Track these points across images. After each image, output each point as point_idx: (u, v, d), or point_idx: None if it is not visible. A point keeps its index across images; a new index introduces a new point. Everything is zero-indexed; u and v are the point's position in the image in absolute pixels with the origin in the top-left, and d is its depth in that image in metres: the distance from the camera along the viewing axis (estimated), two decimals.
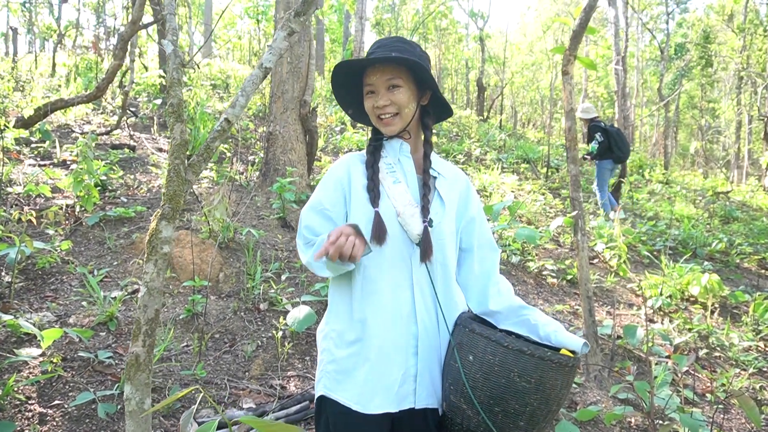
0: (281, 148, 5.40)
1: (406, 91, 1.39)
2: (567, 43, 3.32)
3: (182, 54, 1.36)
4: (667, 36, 18.08)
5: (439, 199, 1.44)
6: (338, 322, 1.40)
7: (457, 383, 1.28)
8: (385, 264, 1.35)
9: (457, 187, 1.50)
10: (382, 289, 1.35)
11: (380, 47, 1.41)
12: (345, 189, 1.42)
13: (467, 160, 9.73)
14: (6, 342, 2.72)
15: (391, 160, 1.44)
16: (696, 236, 6.81)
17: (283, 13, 5.37)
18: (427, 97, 1.46)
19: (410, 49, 1.40)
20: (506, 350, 1.23)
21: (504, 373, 1.22)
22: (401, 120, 1.41)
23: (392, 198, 1.38)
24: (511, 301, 1.46)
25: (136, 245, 3.98)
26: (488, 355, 1.24)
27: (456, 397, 1.29)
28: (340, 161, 1.47)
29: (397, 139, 1.46)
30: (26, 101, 6.61)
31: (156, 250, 1.25)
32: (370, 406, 1.31)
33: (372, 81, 1.39)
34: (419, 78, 1.42)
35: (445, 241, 1.41)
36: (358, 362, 1.34)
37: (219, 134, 1.30)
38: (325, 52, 20.75)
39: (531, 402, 1.22)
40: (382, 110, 1.39)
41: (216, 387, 2.76)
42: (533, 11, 29.49)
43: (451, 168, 1.54)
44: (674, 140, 23.30)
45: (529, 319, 1.40)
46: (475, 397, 1.24)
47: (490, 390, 1.23)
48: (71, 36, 12.33)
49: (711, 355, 3.90)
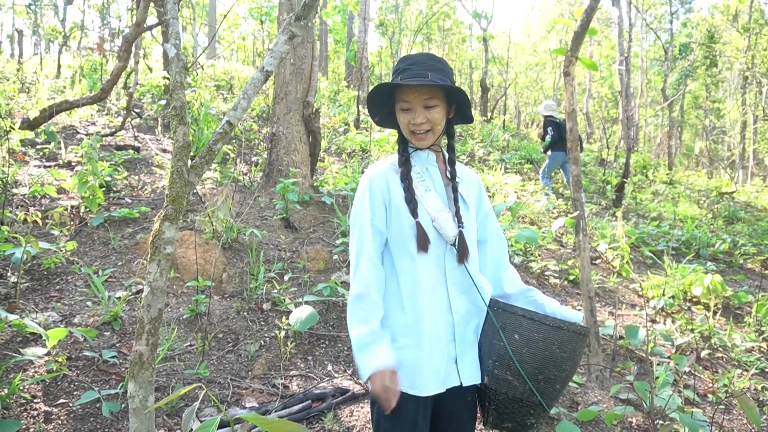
0: (284, 149, 5.43)
1: (441, 110, 1.52)
2: (569, 44, 3.33)
3: (185, 57, 1.38)
4: (671, 36, 18.04)
5: (463, 201, 1.60)
6: (388, 318, 1.52)
7: (503, 359, 1.48)
8: (427, 266, 1.51)
9: (473, 187, 1.67)
10: (425, 289, 1.51)
11: (414, 64, 1.50)
12: (386, 202, 1.54)
13: (470, 160, 9.73)
14: (12, 341, 2.75)
15: (419, 169, 1.57)
16: (699, 237, 6.79)
17: (286, 15, 5.39)
18: (453, 110, 1.59)
19: (442, 68, 1.51)
20: (547, 327, 1.46)
21: (547, 347, 1.45)
22: (434, 135, 1.54)
23: (425, 205, 1.52)
24: (520, 284, 1.69)
25: (140, 246, 4.01)
26: (533, 332, 1.46)
27: (501, 371, 1.48)
28: (377, 174, 1.56)
29: (424, 150, 1.59)
30: (32, 103, 6.66)
31: (159, 251, 1.27)
32: (424, 390, 1.48)
33: (409, 99, 1.50)
34: (449, 96, 1.55)
35: (472, 238, 1.59)
36: (411, 352, 1.49)
37: (221, 136, 1.32)
38: (328, 53, 20.78)
39: (566, 368, 1.47)
40: (418, 127, 1.51)
41: (219, 386, 2.78)
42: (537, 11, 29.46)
43: (465, 170, 1.69)
44: (679, 140, 23.24)
45: (536, 299, 1.64)
46: (522, 369, 1.45)
47: (536, 362, 1.45)
48: (76, 38, 12.40)
49: (713, 355, 3.90)
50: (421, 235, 1.49)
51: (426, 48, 19.52)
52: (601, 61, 19.30)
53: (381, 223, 1.53)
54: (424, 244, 1.49)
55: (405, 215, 1.51)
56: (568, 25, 3.37)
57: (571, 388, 3.08)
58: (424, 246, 1.49)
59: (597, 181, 10.54)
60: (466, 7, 15.67)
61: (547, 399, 1.48)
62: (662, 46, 16.33)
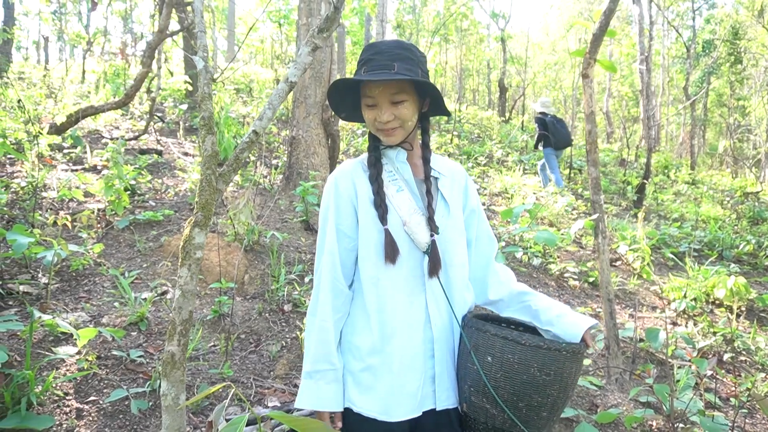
0: (304, 152, 5.50)
1: (410, 104, 1.34)
2: (588, 45, 3.33)
3: (212, 69, 1.44)
4: (693, 33, 17.75)
5: (443, 201, 1.43)
6: (354, 334, 1.39)
7: (478, 384, 1.31)
8: (398, 277, 1.35)
9: (458, 182, 1.49)
10: (397, 301, 1.35)
11: (378, 53, 1.32)
12: (354, 203, 1.38)
13: (489, 161, 9.72)
14: (44, 340, 2.86)
15: (391, 168, 1.41)
16: (723, 238, 6.70)
17: (305, 19, 5.47)
18: (427, 103, 1.42)
19: (411, 57, 1.33)
20: (524, 347, 1.26)
21: (524, 370, 1.26)
22: (404, 131, 1.37)
23: (397, 208, 1.36)
24: (511, 287, 1.49)
25: (164, 248, 4.11)
26: (507, 354, 1.27)
27: (478, 397, 1.31)
28: (343, 173, 1.41)
29: (394, 147, 1.42)
30: (58, 108, 6.85)
31: (189, 255, 1.32)
32: (395, 415, 1.33)
33: (374, 94, 1.33)
34: (421, 88, 1.38)
35: (455, 244, 1.42)
36: (380, 374, 1.34)
37: (248, 145, 1.37)
38: (346, 55, 20.90)
39: (552, 392, 1.27)
40: (385, 124, 1.34)
41: (242, 385, 2.85)
42: (556, 10, 29.24)
43: (448, 163, 1.51)
44: (702, 139, 22.83)
45: (530, 305, 1.44)
46: (498, 395, 1.27)
47: (513, 387, 1.27)
48: (99, 43, 12.69)
49: (736, 359, 3.86)
50: (389, 243, 1.32)
51: (444, 49, 19.52)
52: (622, 60, 19.07)
53: (349, 228, 1.37)
54: (392, 254, 1.32)
55: (373, 221, 1.35)
56: (587, 26, 3.37)
57: (591, 390, 3.08)
58: (392, 257, 1.32)
59: (617, 181, 10.44)
60: (484, 8, 15.65)
61: (533, 429, 1.30)
62: (684, 43, 16.09)
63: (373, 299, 1.35)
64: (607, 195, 9.27)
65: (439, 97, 1.38)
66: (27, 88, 8.33)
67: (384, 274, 1.35)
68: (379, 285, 1.35)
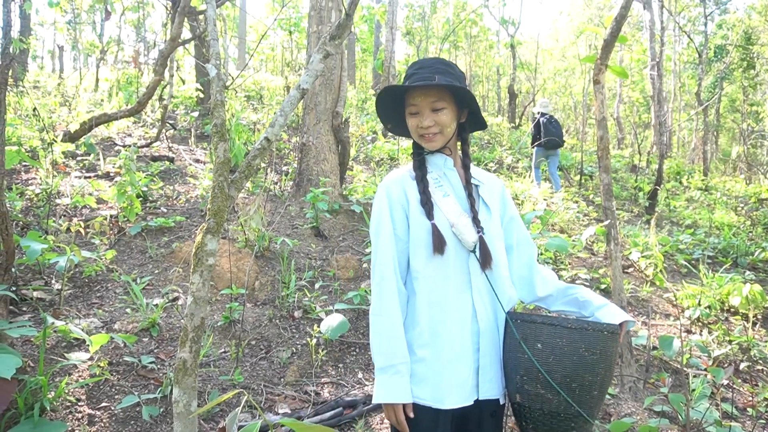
0: (314, 158, 5.52)
1: (449, 112, 1.49)
2: (599, 51, 3.32)
3: (225, 77, 1.44)
4: (705, 38, 17.63)
5: (484, 205, 1.57)
6: (406, 330, 1.49)
7: (531, 372, 1.40)
8: (447, 272, 1.47)
9: (495, 191, 1.63)
10: (446, 296, 1.46)
11: (422, 68, 1.50)
12: (405, 209, 1.51)
13: (499, 168, 9.69)
14: (57, 346, 2.88)
15: (436, 174, 1.54)
16: (737, 245, 6.60)
17: (316, 27, 5.50)
18: (465, 114, 1.56)
19: (451, 71, 1.50)
20: (571, 330, 1.38)
21: (574, 351, 1.37)
22: (443, 137, 1.51)
23: (444, 211, 1.49)
24: (557, 284, 1.63)
25: (175, 254, 4.13)
26: (556, 338, 1.38)
27: (532, 385, 1.40)
28: (393, 181, 1.54)
29: (440, 154, 1.57)
30: (72, 116, 6.93)
31: (202, 262, 1.33)
32: (447, 403, 1.43)
33: (417, 102, 1.49)
34: (459, 99, 1.53)
35: (495, 243, 1.54)
36: (431, 365, 1.45)
37: (260, 152, 1.37)
38: (356, 62, 20.98)
39: (599, 371, 1.37)
40: (426, 130, 1.49)
41: (253, 392, 2.85)
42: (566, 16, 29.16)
43: (486, 174, 1.66)
44: (715, 145, 22.60)
45: (578, 297, 1.57)
46: (552, 379, 1.36)
47: (565, 369, 1.37)
48: (113, 52, 12.85)
49: (753, 368, 3.79)
50: (436, 236, 1.44)
51: (453, 55, 19.54)
52: (632, 65, 18.97)
53: (402, 232, 1.50)
54: (439, 245, 1.44)
55: (421, 218, 1.48)
56: (598, 33, 3.35)
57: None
58: (440, 248, 1.44)
59: (629, 187, 10.35)
60: (493, 14, 15.65)
61: (587, 408, 1.37)
62: (696, 48, 15.97)
63: (423, 297, 1.47)
64: (618, 201, 9.20)
65: (477, 107, 1.53)
66: (42, 96, 8.45)
67: (432, 270, 1.47)
68: (429, 281, 1.47)
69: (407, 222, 1.50)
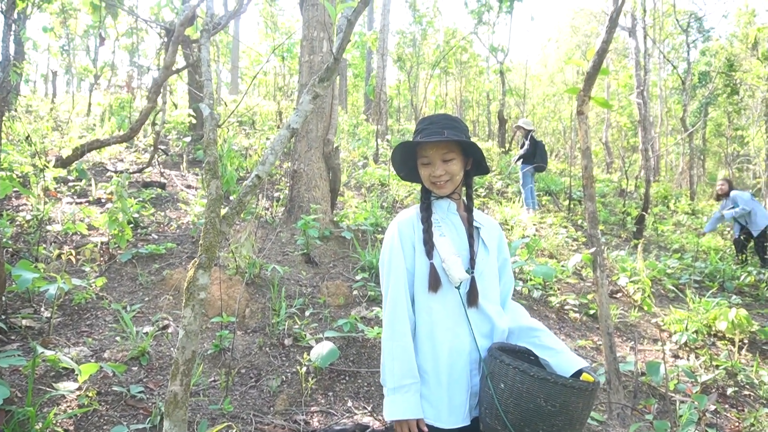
0: (305, 185, 5.57)
1: (458, 162, 1.70)
2: (582, 83, 3.42)
3: (218, 116, 1.49)
4: (688, 65, 18.05)
5: (483, 246, 1.75)
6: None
7: (491, 407, 1.48)
8: (445, 305, 1.64)
9: (494, 233, 1.82)
10: (445, 327, 1.63)
11: (432, 124, 1.69)
12: (414, 244, 1.70)
13: (489, 193, 9.78)
14: (45, 376, 2.86)
15: (438, 217, 1.74)
16: (724, 269, 6.70)
17: (307, 56, 5.61)
18: (470, 162, 1.77)
19: (457, 126, 1.70)
20: (532, 378, 1.42)
21: (532, 399, 1.41)
22: (452, 184, 1.71)
23: (438, 249, 1.66)
24: (521, 322, 1.76)
25: (166, 281, 4.14)
26: (517, 383, 1.43)
27: (491, 419, 1.49)
28: (405, 221, 1.73)
29: (445, 199, 1.76)
30: (64, 141, 6.96)
31: (193, 296, 1.36)
32: (446, 422, 1.59)
33: (428, 154, 1.69)
34: (465, 149, 1.74)
35: (491, 280, 1.73)
36: (432, 387, 1.61)
37: (251, 189, 1.42)
38: (347, 87, 21.23)
39: (557, 423, 1.40)
40: (438, 178, 1.69)
41: (242, 421, 2.84)
42: (554, 42, 29.79)
43: (486, 218, 1.86)
44: (701, 168, 22.96)
45: (536, 341, 1.70)
46: (508, 420, 1.43)
47: (521, 414, 1.42)
48: (106, 77, 12.94)
49: (739, 393, 3.83)
50: (432, 275, 1.63)
51: (443, 81, 19.83)
52: (620, 91, 19.34)
53: (411, 265, 1.68)
54: (434, 284, 1.62)
55: (422, 257, 1.67)
56: (580, 65, 3.46)
57: (592, 426, 3.07)
58: (434, 286, 1.62)
59: (617, 212, 10.48)
60: (483, 41, 15.94)
61: None
62: (680, 75, 16.35)
63: (425, 325, 1.64)
64: (606, 226, 9.31)
65: (481, 157, 1.73)
66: (34, 120, 8.48)
67: (432, 303, 1.64)
68: (431, 313, 1.64)
69: (414, 257, 1.68)
